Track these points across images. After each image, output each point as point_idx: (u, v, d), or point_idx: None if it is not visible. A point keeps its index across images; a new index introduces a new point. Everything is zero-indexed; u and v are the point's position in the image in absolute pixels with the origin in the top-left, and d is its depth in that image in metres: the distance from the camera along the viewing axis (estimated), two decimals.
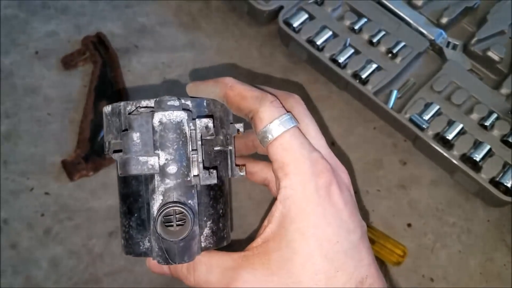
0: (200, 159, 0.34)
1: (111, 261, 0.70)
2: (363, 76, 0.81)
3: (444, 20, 0.88)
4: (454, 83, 0.83)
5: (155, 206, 0.34)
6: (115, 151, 0.36)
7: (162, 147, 0.34)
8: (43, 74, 0.83)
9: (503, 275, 0.74)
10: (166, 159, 0.34)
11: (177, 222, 0.33)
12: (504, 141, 0.78)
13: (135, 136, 0.33)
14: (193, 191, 0.34)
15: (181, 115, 0.34)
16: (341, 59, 0.82)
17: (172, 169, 0.34)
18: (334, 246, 0.32)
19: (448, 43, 0.87)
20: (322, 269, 0.32)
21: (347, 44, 0.84)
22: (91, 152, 0.76)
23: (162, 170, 0.34)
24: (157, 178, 0.34)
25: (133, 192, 0.36)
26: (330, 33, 0.84)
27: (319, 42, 0.83)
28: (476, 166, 0.76)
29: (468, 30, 0.90)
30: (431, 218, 0.78)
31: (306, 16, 0.85)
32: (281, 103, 0.35)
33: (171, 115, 0.34)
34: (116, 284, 0.68)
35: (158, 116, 0.34)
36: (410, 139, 0.82)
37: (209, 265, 0.35)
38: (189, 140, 0.34)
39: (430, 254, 0.75)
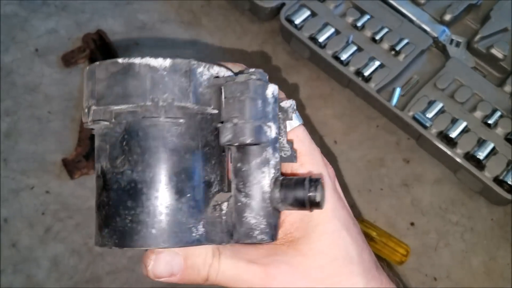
0: (283, 134, 0.34)
1: (112, 260, 0.69)
2: (366, 74, 0.81)
3: (447, 17, 0.87)
4: (458, 80, 0.82)
5: (266, 179, 0.31)
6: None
7: (274, 120, 0.32)
8: (43, 72, 0.82)
9: (506, 274, 0.74)
10: (276, 133, 0.32)
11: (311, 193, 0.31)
12: (508, 139, 0.77)
13: (259, 103, 0.30)
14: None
15: (276, 90, 0.33)
16: (343, 56, 0.81)
17: (277, 142, 0.32)
18: (354, 227, 0.34)
19: (452, 40, 0.87)
20: (352, 247, 0.33)
21: (350, 41, 0.83)
22: (91, 150, 0.75)
23: (273, 144, 0.32)
24: (269, 150, 0.32)
25: (188, 168, 0.31)
26: (332, 30, 0.84)
27: (321, 39, 0.83)
28: (479, 164, 0.75)
29: (472, 27, 0.89)
30: (434, 217, 0.77)
31: (308, 13, 0.85)
32: None
33: (275, 90, 0.32)
34: (117, 283, 0.68)
35: (271, 88, 0.32)
36: (413, 137, 0.82)
37: (236, 255, 0.33)
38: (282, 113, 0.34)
39: (433, 253, 0.75)
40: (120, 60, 0.31)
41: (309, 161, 0.34)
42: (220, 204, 0.32)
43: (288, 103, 0.34)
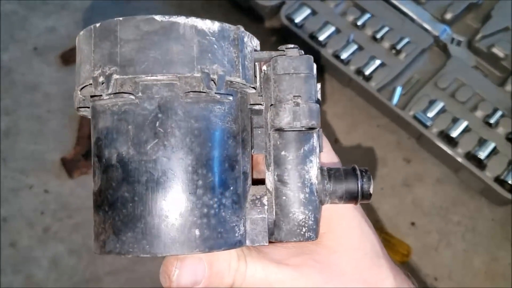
0: None
1: (112, 260, 0.69)
2: (367, 73, 0.80)
3: (448, 16, 0.87)
4: (459, 80, 0.82)
5: (314, 170, 0.27)
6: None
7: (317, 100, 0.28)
8: (43, 71, 0.82)
9: (507, 273, 0.74)
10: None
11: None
12: (509, 138, 0.77)
13: (314, 82, 0.27)
14: None
15: (314, 65, 0.29)
16: (344, 55, 0.81)
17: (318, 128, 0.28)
18: (368, 221, 0.33)
19: (453, 39, 0.86)
20: (376, 241, 0.31)
21: (350, 40, 0.83)
22: (91, 150, 0.75)
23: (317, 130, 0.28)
24: (315, 136, 0.27)
25: (231, 157, 0.26)
26: (333, 28, 0.83)
27: (321, 38, 0.82)
28: (480, 164, 0.75)
29: (473, 26, 0.89)
30: (435, 217, 0.77)
31: (308, 11, 0.84)
32: None
33: (314, 64, 0.28)
34: (117, 283, 0.68)
35: (314, 65, 0.28)
36: (414, 137, 0.81)
37: (264, 257, 0.30)
38: None
39: (434, 253, 0.74)
40: (158, 18, 0.25)
41: (325, 152, 0.32)
42: (260, 199, 0.28)
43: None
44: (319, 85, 0.29)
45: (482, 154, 0.75)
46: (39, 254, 0.69)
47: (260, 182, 0.29)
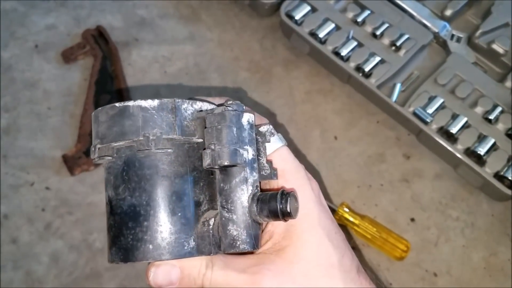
0: (262, 155, 0.39)
1: None
2: (366, 69, 0.80)
3: (448, 13, 0.87)
4: (458, 76, 0.82)
5: (244, 196, 0.36)
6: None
7: (250, 143, 0.36)
8: (43, 68, 0.82)
9: (506, 269, 0.74)
10: (253, 155, 0.36)
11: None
12: (508, 134, 0.77)
13: (234, 130, 0.35)
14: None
15: (252, 117, 0.37)
16: (344, 52, 0.81)
17: (256, 164, 0.37)
18: (337, 235, 0.38)
19: (452, 35, 0.86)
20: (333, 253, 0.36)
21: (350, 36, 0.83)
22: (91, 147, 0.75)
23: (250, 164, 0.36)
24: (247, 170, 0.36)
25: (178, 191, 0.35)
26: (332, 25, 0.83)
27: (321, 34, 0.82)
28: (480, 160, 0.75)
29: (473, 22, 0.89)
30: (434, 212, 0.77)
31: (308, 8, 0.84)
32: None
33: (251, 117, 0.37)
34: (117, 279, 0.68)
35: (246, 116, 0.36)
36: (413, 133, 0.81)
37: (227, 266, 0.36)
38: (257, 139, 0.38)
39: (434, 248, 0.75)
40: (117, 104, 0.36)
41: (293, 177, 0.38)
42: (208, 220, 0.37)
43: (265, 128, 0.38)
44: (251, 117, 0.37)
45: (481, 150, 0.75)
46: (39, 250, 0.69)
47: None
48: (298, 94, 0.84)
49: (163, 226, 0.35)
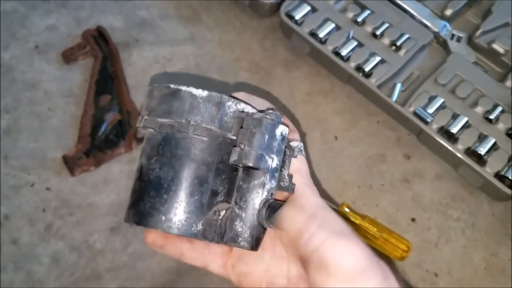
0: (286, 168, 0.41)
1: (112, 257, 0.69)
2: (367, 69, 0.80)
3: (448, 12, 0.86)
4: (459, 76, 0.82)
5: (257, 199, 0.38)
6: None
7: (277, 154, 0.39)
8: (43, 69, 0.82)
9: (507, 270, 0.74)
10: (277, 164, 0.39)
11: None
12: (509, 134, 0.77)
13: (266, 137, 0.38)
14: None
15: (286, 131, 0.40)
16: (344, 52, 0.81)
17: (277, 173, 0.39)
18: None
19: (453, 35, 0.86)
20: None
21: (350, 36, 0.83)
22: (92, 147, 0.75)
23: (272, 172, 0.38)
24: (267, 176, 0.38)
25: (201, 177, 0.39)
26: (333, 25, 0.83)
27: (321, 34, 0.82)
28: (481, 160, 0.75)
29: (473, 22, 0.89)
30: (435, 213, 0.77)
31: (308, 8, 0.84)
32: None
33: (285, 130, 0.39)
34: (117, 280, 0.68)
35: (281, 128, 0.39)
36: (414, 133, 0.81)
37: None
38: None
39: (434, 249, 0.74)
40: (172, 85, 0.39)
41: (305, 192, 0.40)
42: (220, 211, 0.39)
43: (296, 144, 0.41)
44: (285, 130, 0.39)
45: (482, 150, 0.75)
46: (40, 251, 0.69)
47: None
48: (298, 94, 0.84)
49: (179, 203, 0.38)
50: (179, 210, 0.37)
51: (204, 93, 0.39)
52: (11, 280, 0.67)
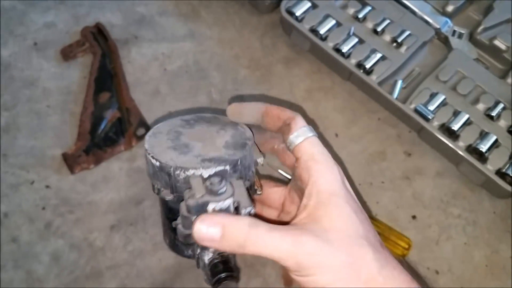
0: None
1: (112, 254, 0.69)
2: (367, 66, 0.80)
3: (449, 9, 0.86)
4: (460, 72, 0.81)
5: (206, 258, 0.42)
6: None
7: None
8: (42, 66, 0.81)
9: (508, 267, 0.74)
10: None
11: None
12: (510, 131, 0.77)
13: (192, 217, 0.40)
14: None
15: (229, 203, 0.40)
16: (344, 49, 0.81)
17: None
18: (361, 214, 0.41)
19: (454, 31, 0.86)
20: (360, 227, 0.40)
21: (351, 33, 0.82)
22: (91, 145, 0.75)
23: None
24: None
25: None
26: (333, 22, 0.83)
27: (322, 31, 0.82)
28: (482, 157, 0.75)
29: (474, 18, 0.88)
30: (436, 210, 0.77)
31: (309, 4, 0.84)
32: None
33: (222, 204, 0.40)
34: (118, 278, 0.68)
35: (212, 206, 0.40)
36: (415, 130, 0.81)
37: (272, 227, 0.38)
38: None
39: (435, 246, 0.74)
40: (148, 153, 0.45)
41: (321, 159, 0.43)
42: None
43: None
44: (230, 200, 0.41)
45: (483, 147, 0.74)
46: (39, 250, 0.69)
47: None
48: (298, 91, 0.83)
49: (175, 238, 0.46)
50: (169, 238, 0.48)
51: (157, 163, 0.43)
52: (10, 278, 0.67)
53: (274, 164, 0.68)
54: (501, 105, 0.78)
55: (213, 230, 0.37)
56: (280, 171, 0.71)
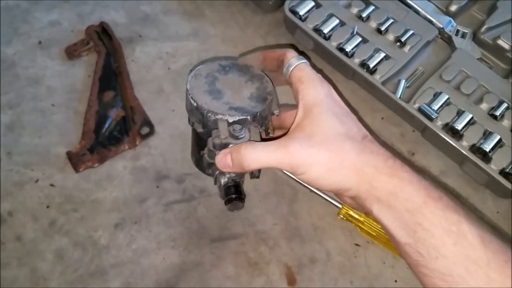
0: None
1: (116, 252, 0.69)
2: (371, 65, 0.80)
3: (453, 8, 0.86)
4: (464, 72, 0.81)
5: (222, 181, 0.53)
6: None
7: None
8: (46, 64, 0.82)
9: None
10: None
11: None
12: None
13: (216, 151, 0.52)
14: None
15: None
16: (348, 48, 0.81)
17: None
18: (344, 116, 0.51)
19: (457, 31, 0.86)
20: (340, 127, 0.49)
21: (355, 32, 0.83)
22: (96, 143, 0.75)
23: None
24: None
25: (203, 146, 0.54)
26: (337, 21, 0.83)
27: (326, 30, 0.82)
28: (485, 156, 0.75)
29: (478, 18, 0.88)
30: None
31: (312, 3, 0.84)
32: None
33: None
34: (122, 276, 0.68)
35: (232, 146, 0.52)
36: (418, 129, 0.81)
37: (266, 144, 0.49)
38: None
39: None
40: (188, 90, 0.54)
41: (307, 79, 0.51)
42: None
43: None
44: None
45: (487, 147, 0.74)
46: (44, 248, 0.69)
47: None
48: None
49: (200, 158, 0.57)
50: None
51: (195, 104, 0.52)
52: (15, 276, 0.67)
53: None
54: (504, 105, 0.78)
55: (228, 160, 0.49)
56: (288, 173, 0.71)
